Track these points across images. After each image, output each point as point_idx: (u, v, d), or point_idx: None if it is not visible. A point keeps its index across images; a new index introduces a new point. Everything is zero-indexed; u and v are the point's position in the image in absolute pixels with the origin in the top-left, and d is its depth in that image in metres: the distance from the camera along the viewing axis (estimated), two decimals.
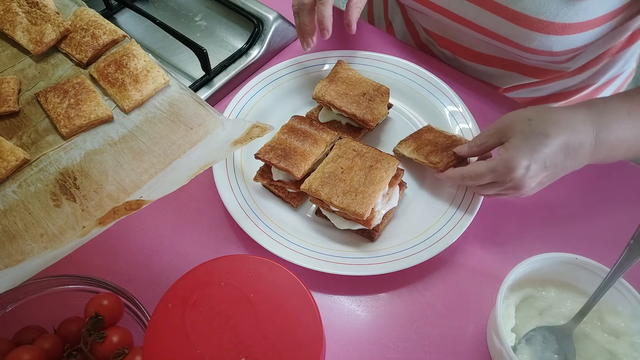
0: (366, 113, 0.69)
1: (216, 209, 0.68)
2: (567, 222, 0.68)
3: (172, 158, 0.52)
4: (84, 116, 0.53)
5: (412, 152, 0.68)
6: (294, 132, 0.68)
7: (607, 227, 0.67)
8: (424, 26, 0.88)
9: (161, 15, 0.92)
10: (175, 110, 0.55)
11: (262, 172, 0.68)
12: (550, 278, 0.57)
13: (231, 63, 0.81)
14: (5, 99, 0.54)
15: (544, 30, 0.67)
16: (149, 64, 0.57)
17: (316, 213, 0.66)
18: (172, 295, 0.40)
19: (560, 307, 0.56)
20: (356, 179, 0.62)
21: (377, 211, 0.61)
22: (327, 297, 0.62)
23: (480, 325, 0.59)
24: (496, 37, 0.73)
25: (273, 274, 0.41)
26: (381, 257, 0.61)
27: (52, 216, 0.48)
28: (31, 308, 0.53)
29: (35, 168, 0.51)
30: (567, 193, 0.70)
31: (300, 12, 0.70)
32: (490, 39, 0.75)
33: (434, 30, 0.86)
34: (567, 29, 0.66)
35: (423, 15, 0.84)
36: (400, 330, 0.59)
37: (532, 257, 0.54)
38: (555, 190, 0.70)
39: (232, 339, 0.38)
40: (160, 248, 0.65)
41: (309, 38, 0.71)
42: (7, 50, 0.59)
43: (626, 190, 0.71)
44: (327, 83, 0.72)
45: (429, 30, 0.87)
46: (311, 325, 0.39)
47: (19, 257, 0.46)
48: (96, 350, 0.48)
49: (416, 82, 0.79)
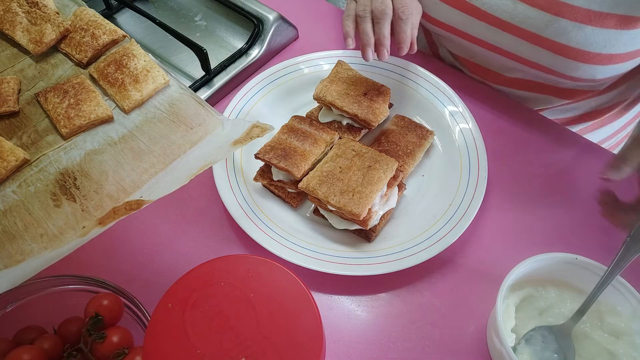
0: (367, 113, 0.69)
1: (216, 209, 0.68)
2: (568, 222, 0.68)
3: (172, 158, 0.52)
4: (84, 116, 0.53)
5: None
6: (294, 132, 0.68)
7: (608, 227, 0.67)
8: (450, 50, 0.87)
9: (161, 15, 0.92)
10: (175, 110, 0.55)
11: (262, 172, 0.68)
12: (551, 278, 0.57)
13: (231, 63, 0.81)
14: (5, 99, 0.54)
15: (590, 61, 0.65)
16: (149, 64, 0.57)
17: (314, 212, 0.66)
18: (172, 295, 0.40)
19: (560, 307, 0.56)
20: (354, 178, 0.62)
21: (375, 212, 0.61)
22: (327, 297, 0.62)
23: (481, 325, 0.59)
24: (535, 66, 0.71)
25: (273, 274, 0.41)
26: (381, 257, 0.61)
27: (52, 216, 0.48)
28: (31, 308, 0.53)
29: (35, 168, 0.51)
30: (568, 194, 0.70)
31: (364, 20, 0.67)
32: (527, 67, 0.73)
33: (462, 55, 0.85)
34: (613, 59, 0.65)
35: (451, 41, 0.82)
36: (400, 330, 0.59)
37: (532, 257, 0.54)
38: (556, 190, 0.70)
39: (232, 339, 0.38)
40: (160, 248, 0.65)
41: (370, 50, 0.67)
42: (7, 50, 0.59)
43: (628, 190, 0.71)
44: (327, 83, 0.72)
45: (457, 55, 0.86)
46: (311, 325, 0.39)
47: (19, 257, 0.46)
48: (96, 350, 0.48)
49: (416, 82, 0.79)
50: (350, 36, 0.69)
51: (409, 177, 0.71)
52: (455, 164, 0.71)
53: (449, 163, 0.71)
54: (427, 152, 0.73)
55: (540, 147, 0.75)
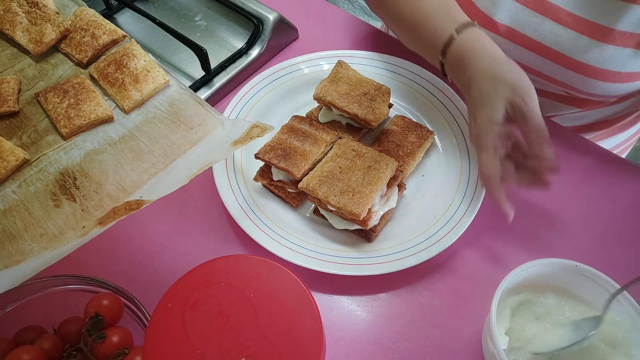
0: (368, 113, 0.69)
1: (216, 209, 0.68)
2: (570, 227, 0.67)
3: (172, 158, 0.52)
4: (84, 116, 0.53)
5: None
6: (294, 132, 0.68)
7: (608, 233, 0.67)
8: None
9: (161, 15, 0.92)
10: (175, 110, 0.55)
11: (262, 172, 0.68)
12: (549, 284, 0.56)
13: (231, 63, 0.81)
14: (5, 99, 0.54)
15: (609, 79, 0.65)
16: (149, 63, 0.57)
17: (314, 212, 0.66)
18: (172, 295, 0.40)
19: (558, 314, 0.55)
20: (354, 178, 0.62)
21: (375, 212, 0.61)
22: (327, 297, 0.62)
23: (481, 325, 0.59)
24: (552, 80, 0.71)
25: (273, 274, 0.41)
26: (381, 257, 0.61)
27: (52, 216, 0.48)
28: (31, 308, 0.53)
29: (35, 168, 0.51)
30: (570, 198, 0.70)
31: (494, 179, 0.58)
32: (544, 81, 0.72)
33: None
34: (632, 77, 0.65)
35: None
36: (400, 330, 0.59)
37: (530, 262, 0.53)
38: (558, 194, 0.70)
39: (232, 339, 0.38)
40: (160, 248, 0.65)
41: (507, 207, 0.59)
42: (7, 50, 0.59)
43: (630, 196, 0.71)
44: (328, 83, 0.72)
45: None
46: (311, 325, 0.39)
47: (19, 257, 0.46)
48: (96, 350, 0.48)
49: (416, 82, 0.79)
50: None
51: (409, 177, 0.71)
52: (455, 164, 0.71)
53: (449, 163, 0.71)
54: (427, 152, 0.73)
55: None
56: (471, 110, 0.59)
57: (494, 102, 0.56)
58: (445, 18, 0.63)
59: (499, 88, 0.56)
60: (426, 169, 0.72)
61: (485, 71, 0.58)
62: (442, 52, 0.62)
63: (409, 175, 0.71)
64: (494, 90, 0.56)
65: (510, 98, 0.55)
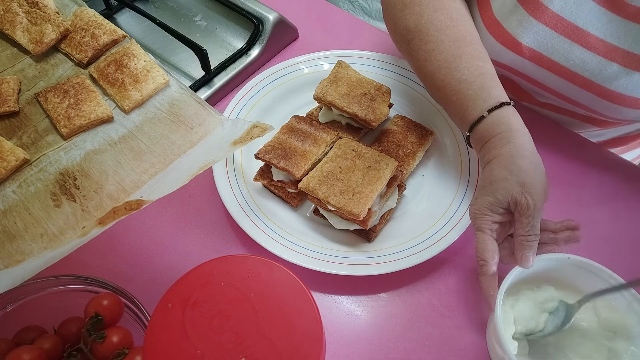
0: (368, 113, 0.69)
1: (216, 209, 0.68)
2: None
3: (172, 158, 0.52)
4: (84, 116, 0.53)
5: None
6: (294, 132, 0.68)
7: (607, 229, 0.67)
8: None
9: (161, 15, 0.92)
10: (175, 110, 0.55)
11: (262, 172, 0.68)
12: (546, 278, 0.57)
13: (231, 63, 0.81)
14: (5, 99, 0.54)
15: (634, 106, 0.64)
16: (149, 63, 0.57)
17: (314, 212, 0.66)
18: (172, 295, 0.40)
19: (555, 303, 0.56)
20: (354, 179, 0.62)
21: (374, 212, 0.61)
22: (327, 297, 0.62)
23: (481, 325, 0.59)
24: (576, 104, 0.69)
25: (273, 274, 0.41)
26: (381, 257, 0.61)
27: (52, 216, 0.48)
28: (31, 308, 0.53)
29: (35, 168, 0.51)
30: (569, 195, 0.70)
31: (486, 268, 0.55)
32: (567, 103, 0.71)
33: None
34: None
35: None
36: (400, 330, 0.59)
37: None
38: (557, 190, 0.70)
39: (232, 339, 0.38)
40: (160, 248, 0.65)
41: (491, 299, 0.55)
42: (7, 50, 0.59)
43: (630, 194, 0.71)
44: (328, 83, 0.72)
45: None
46: (311, 325, 0.39)
47: (19, 257, 0.46)
48: (96, 350, 0.48)
49: (416, 81, 0.79)
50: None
51: (409, 177, 0.71)
52: (456, 164, 0.71)
53: (449, 163, 0.71)
54: (427, 152, 0.73)
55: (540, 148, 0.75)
56: (479, 186, 0.58)
57: (498, 195, 0.55)
58: (480, 92, 0.59)
59: (509, 182, 0.54)
60: (426, 169, 0.72)
61: (505, 160, 0.56)
62: (470, 128, 0.60)
63: (409, 175, 0.71)
64: (504, 182, 0.55)
65: (515, 196, 0.54)
